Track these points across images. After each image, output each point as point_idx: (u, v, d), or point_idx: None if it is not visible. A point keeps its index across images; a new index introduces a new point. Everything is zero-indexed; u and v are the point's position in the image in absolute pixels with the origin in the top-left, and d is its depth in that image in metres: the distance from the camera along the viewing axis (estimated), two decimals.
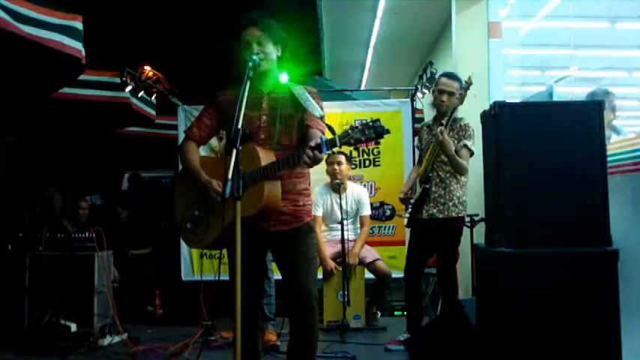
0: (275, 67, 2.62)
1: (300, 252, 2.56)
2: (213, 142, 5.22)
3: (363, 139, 2.18)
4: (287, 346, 2.62)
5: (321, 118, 2.46)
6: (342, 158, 4.81)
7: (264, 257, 2.74)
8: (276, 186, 2.44)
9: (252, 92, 2.40)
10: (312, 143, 2.23)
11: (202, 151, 5.11)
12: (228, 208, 2.17)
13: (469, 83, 3.57)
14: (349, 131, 2.20)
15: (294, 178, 2.56)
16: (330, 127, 2.36)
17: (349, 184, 4.90)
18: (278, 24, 2.59)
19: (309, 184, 2.70)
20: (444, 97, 3.81)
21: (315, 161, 2.25)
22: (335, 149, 2.44)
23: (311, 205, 2.69)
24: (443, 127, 3.59)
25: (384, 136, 2.19)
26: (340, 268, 4.70)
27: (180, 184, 2.75)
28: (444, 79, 3.87)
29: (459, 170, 3.76)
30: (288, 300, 2.61)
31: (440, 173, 3.81)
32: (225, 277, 2.75)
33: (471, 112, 3.60)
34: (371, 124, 2.18)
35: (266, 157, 2.41)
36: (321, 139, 2.22)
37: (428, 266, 4.33)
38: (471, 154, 3.77)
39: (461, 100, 3.60)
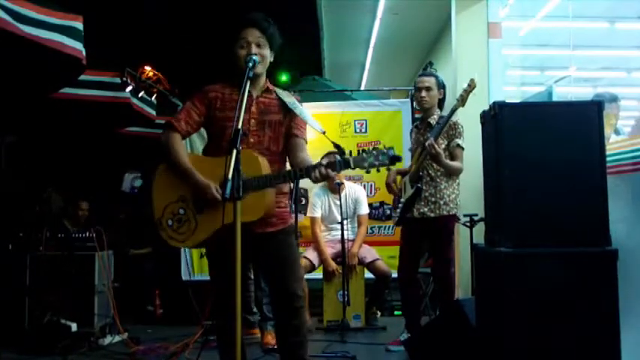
0: (265, 72, 2.63)
1: (285, 254, 2.59)
2: None
3: (376, 163, 2.24)
4: (277, 348, 2.63)
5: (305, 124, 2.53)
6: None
7: (247, 258, 2.68)
8: (273, 193, 2.49)
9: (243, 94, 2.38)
10: (325, 161, 2.29)
11: (201, 146, 5.14)
12: (228, 210, 2.14)
13: (472, 86, 3.57)
14: (364, 155, 2.26)
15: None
16: (338, 147, 2.34)
17: (347, 184, 4.91)
18: (277, 29, 2.59)
19: (291, 186, 2.80)
20: (423, 93, 3.89)
21: (325, 179, 2.32)
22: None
23: (289, 206, 2.73)
24: (432, 141, 3.58)
25: (396, 163, 2.25)
26: (341, 269, 4.71)
27: (161, 179, 2.62)
28: (419, 77, 3.97)
29: (455, 174, 3.78)
30: (272, 302, 2.62)
31: (430, 172, 3.82)
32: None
33: (470, 112, 3.60)
34: (385, 150, 2.24)
35: (265, 166, 2.44)
36: (336, 159, 2.27)
37: (427, 266, 4.34)
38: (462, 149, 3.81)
39: (462, 102, 3.60)
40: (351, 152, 2.30)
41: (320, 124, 2.55)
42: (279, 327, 2.66)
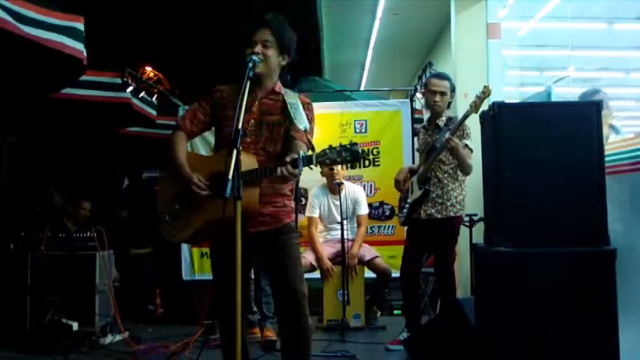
0: (273, 74, 2.60)
1: (283, 252, 2.57)
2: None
3: (338, 160, 2.21)
4: (281, 348, 2.63)
5: (305, 131, 2.47)
6: None
7: (247, 258, 2.69)
8: (254, 192, 2.43)
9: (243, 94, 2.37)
10: (289, 158, 2.26)
11: (203, 150, 5.16)
12: (215, 205, 2.15)
13: (487, 93, 3.56)
14: (327, 151, 2.23)
15: (275, 183, 2.55)
16: (310, 145, 2.37)
17: (346, 184, 4.91)
18: (289, 30, 2.58)
19: (291, 190, 2.71)
20: (437, 97, 3.88)
21: (290, 175, 2.28)
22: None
23: (292, 207, 2.70)
24: (450, 135, 3.60)
25: (360, 160, 2.22)
26: (336, 269, 4.72)
27: (165, 177, 2.71)
28: (434, 80, 3.94)
29: (467, 171, 3.80)
30: (276, 301, 2.61)
31: (437, 173, 3.84)
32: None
33: None
34: (349, 146, 2.20)
35: (248, 163, 2.38)
36: (299, 155, 2.25)
37: (427, 266, 4.35)
38: (471, 151, 3.81)
39: (475, 109, 3.58)
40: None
41: (306, 123, 2.49)
42: (283, 326, 2.64)
